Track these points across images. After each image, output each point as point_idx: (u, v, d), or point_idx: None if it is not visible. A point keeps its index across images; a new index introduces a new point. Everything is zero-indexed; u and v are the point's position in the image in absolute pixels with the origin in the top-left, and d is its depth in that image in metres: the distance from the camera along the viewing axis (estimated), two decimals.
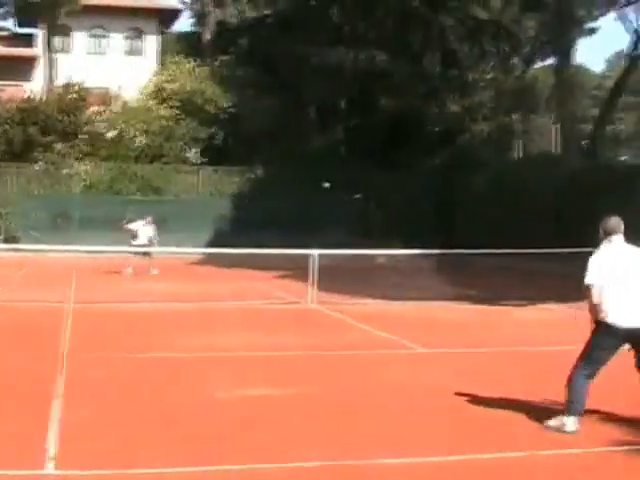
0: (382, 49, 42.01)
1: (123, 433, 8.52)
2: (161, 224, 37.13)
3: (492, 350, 14.39)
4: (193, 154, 47.91)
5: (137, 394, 10.36)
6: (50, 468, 7.37)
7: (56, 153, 44.39)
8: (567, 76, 43.31)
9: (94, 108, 47.28)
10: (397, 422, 9.27)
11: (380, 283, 25.38)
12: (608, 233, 8.94)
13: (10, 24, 57.33)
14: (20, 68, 53.01)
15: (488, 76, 47.95)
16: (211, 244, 36.55)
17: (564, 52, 43.07)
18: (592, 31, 51.09)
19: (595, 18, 48.10)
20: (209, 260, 33.28)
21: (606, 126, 48.01)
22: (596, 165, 40.66)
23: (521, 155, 51.65)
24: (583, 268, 8.77)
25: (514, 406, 9.86)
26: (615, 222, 8.99)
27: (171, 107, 49.10)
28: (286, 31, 43.60)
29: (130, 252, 28.55)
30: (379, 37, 42.47)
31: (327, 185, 31.51)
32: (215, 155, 45.90)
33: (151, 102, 49.90)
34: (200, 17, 58.79)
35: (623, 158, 60.00)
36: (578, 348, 9.07)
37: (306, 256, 21.99)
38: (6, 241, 38.47)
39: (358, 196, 42.05)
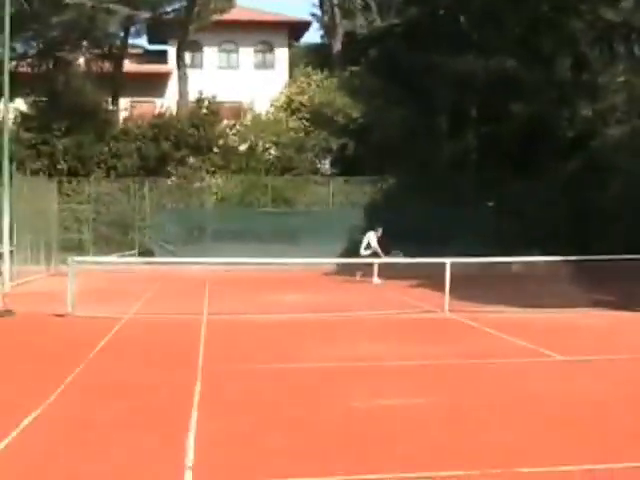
0: (511, 55, 41.54)
1: (259, 444, 8.50)
2: (293, 235, 37.32)
3: (634, 356, 13.97)
4: (324, 165, 48.13)
5: (273, 405, 10.34)
6: (188, 478, 7.40)
7: (188, 167, 45.07)
8: None
9: (226, 122, 47.89)
10: (535, 432, 9.02)
11: (515, 291, 25.14)
12: None
13: (143, 41, 58.68)
14: (153, 84, 54.11)
15: (620, 79, 46.81)
16: (344, 255, 35.83)
17: None
18: None
19: None
20: (342, 271, 33.04)
21: None
22: None
23: None
24: None
25: None
26: None
27: (300, 119, 49.51)
28: (415, 40, 43.47)
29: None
30: (508, 43, 41.95)
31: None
32: (346, 166, 45.87)
33: (281, 114, 50.38)
34: (329, 28, 58.98)
35: None
36: None
37: (440, 265, 21.75)
38: (141, 254, 39.10)
39: (491, 204, 41.63)
